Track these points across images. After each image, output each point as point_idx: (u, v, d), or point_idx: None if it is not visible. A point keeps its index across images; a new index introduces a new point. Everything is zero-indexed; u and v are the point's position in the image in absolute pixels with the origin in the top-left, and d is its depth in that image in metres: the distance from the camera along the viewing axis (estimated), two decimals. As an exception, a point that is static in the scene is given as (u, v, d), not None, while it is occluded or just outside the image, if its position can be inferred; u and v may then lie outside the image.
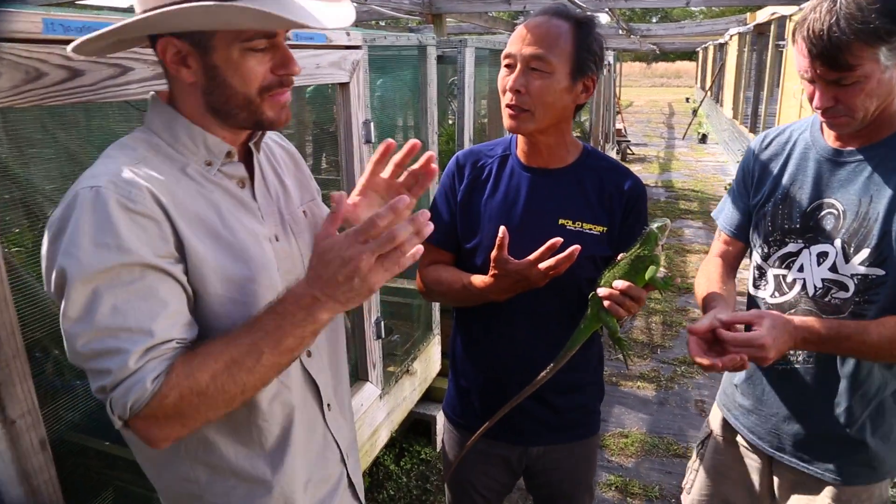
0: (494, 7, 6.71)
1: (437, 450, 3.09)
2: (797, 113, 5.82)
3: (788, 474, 1.48)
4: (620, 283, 1.28)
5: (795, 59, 1.27)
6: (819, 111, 1.28)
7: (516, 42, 1.36)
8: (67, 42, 1.09)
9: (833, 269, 1.33)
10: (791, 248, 1.41)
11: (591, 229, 1.45)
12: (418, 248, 0.92)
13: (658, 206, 8.14)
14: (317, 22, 0.94)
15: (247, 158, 1.08)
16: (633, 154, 12.22)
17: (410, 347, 3.07)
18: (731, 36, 12.49)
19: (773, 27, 7.99)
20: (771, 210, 1.45)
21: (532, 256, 1.30)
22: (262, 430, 1.06)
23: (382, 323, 2.52)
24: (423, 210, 0.95)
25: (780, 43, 7.30)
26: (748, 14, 10.27)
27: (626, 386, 3.78)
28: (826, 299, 1.35)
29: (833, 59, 1.16)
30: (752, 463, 1.56)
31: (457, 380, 1.65)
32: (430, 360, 3.20)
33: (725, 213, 1.61)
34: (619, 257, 1.33)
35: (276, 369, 0.93)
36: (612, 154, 10.03)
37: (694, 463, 1.70)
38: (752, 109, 9.74)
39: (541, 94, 1.34)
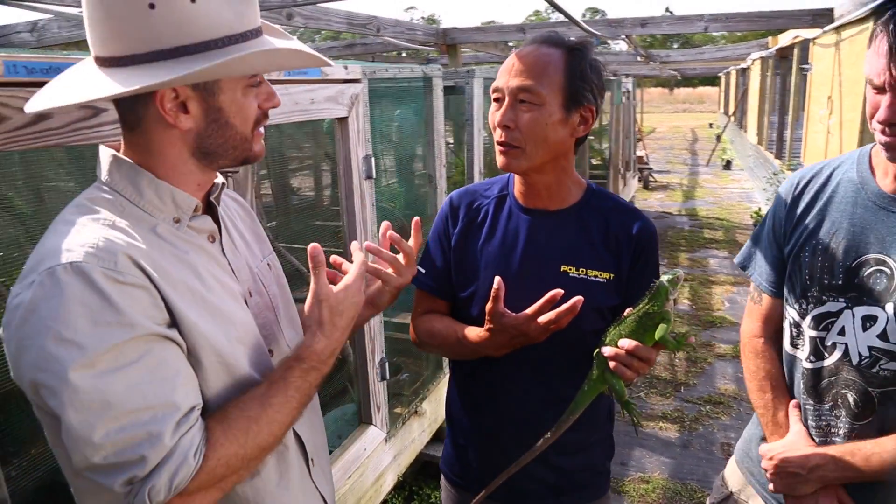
0: (509, 36, 6.71)
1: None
2: (823, 139, 5.67)
3: None
4: (627, 343, 1.15)
5: (868, 63, 1.09)
6: (879, 126, 1.09)
7: (504, 74, 1.27)
8: (31, 84, 1.05)
9: (883, 336, 1.17)
10: (830, 307, 1.25)
11: (596, 276, 1.34)
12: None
13: (682, 234, 7.97)
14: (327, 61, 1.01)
15: (209, 213, 1.02)
16: (656, 181, 12.07)
17: (419, 387, 2.97)
18: (754, 60, 12.36)
19: (796, 51, 7.86)
20: (808, 260, 1.27)
21: (530, 310, 1.19)
22: (259, 491, 1.02)
23: (387, 363, 2.43)
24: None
25: (804, 66, 7.16)
26: (770, 38, 10.15)
27: (647, 427, 3.61)
28: (874, 370, 1.19)
29: None
30: None
31: (454, 437, 1.54)
32: (439, 400, 3.08)
33: (757, 265, 1.44)
34: (625, 313, 1.22)
35: (296, 420, 0.97)
36: (634, 182, 9.91)
37: None
38: (776, 135, 9.56)
39: (531, 128, 1.25)
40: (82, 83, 0.87)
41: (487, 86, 3.26)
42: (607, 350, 1.18)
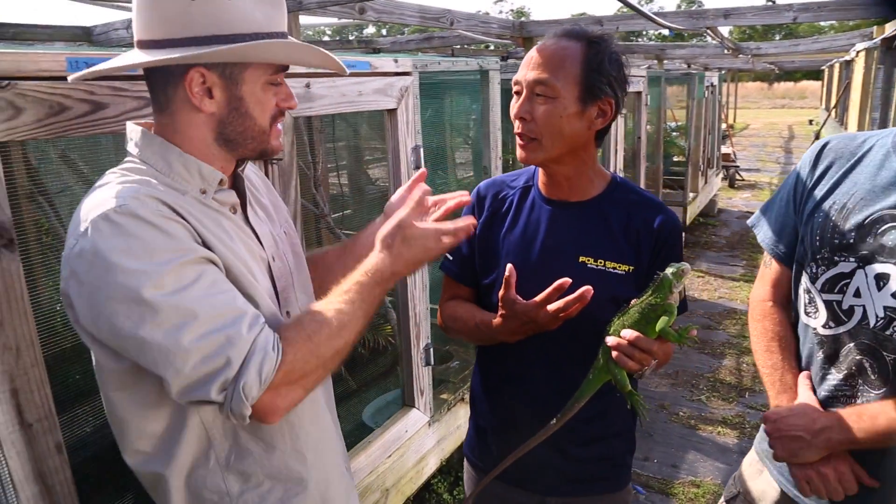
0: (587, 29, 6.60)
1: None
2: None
3: None
4: (629, 333, 1.17)
5: None
6: None
7: (523, 67, 1.31)
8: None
9: None
10: (842, 267, 1.20)
11: (614, 268, 1.35)
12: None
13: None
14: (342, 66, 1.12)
15: (234, 186, 1.12)
16: (743, 180, 11.54)
17: (468, 376, 3.03)
18: (858, 52, 11.54)
19: (902, 42, 7.29)
20: (821, 221, 1.25)
21: (539, 297, 1.22)
22: (295, 429, 1.13)
23: (432, 349, 2.51)
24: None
25: (910, 60, 6.64)
26: (875, 27, 9.45)
27: (704, 431, 3.52)
28: (888, 332, 1.14)
29: None
30: None
31: (475, 419, 1.60)
32: (488, 389, 3.14)
33: (767, 229, 1.40)
34: (630, 303, 1.23)
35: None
36: (717, 180, 9.52)
37: None
38: (878, 132, 8.92)
39: (546, 120, 1.28)
40: (122, 59, 1.00)
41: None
42: (610, 340, 1.20)
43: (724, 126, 12.07)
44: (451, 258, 1.53)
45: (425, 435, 2.56)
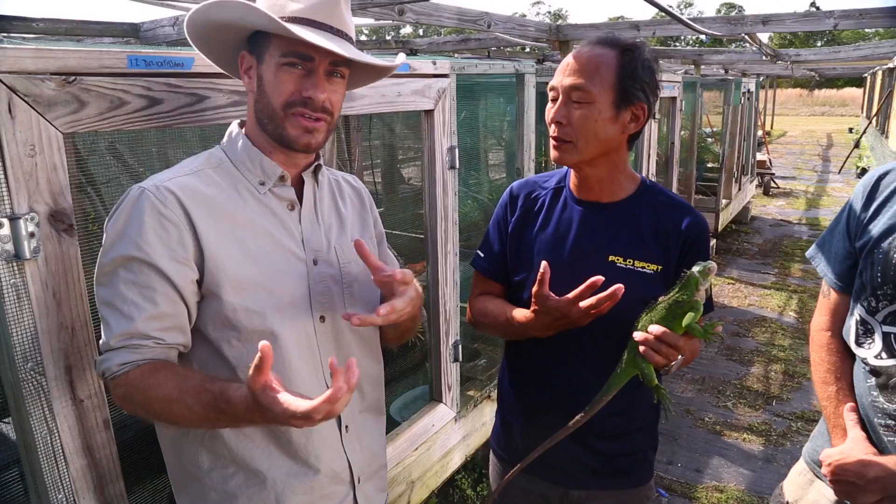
0: (623, 33, 6.58)
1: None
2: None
3: None
4: (656, 329, 1.21)
5: None
6: None
7: (559, 73, 1.35)
8: (149, 74, 1.26)
9: None
10: None
11: (643, 267, 1.39)
12: None
13: (798, 244, 7.48)
14: (346, 51, 1.09)
15: (303, 187, 1.20)
16: (778, 188, 11.34)
17: (495, 373, 3.06)
18: (902, 61, 11.26)
19: (948, 52, 7.12)
20: (882, 258, 1.27)
21: (572, 294, 1.26)
22: (270, 430, 1.15)
23: (460, 346, 2.55)
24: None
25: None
26: (921, 37, 9.21)
27: (729, 437, 3.50)
28: None
29: None
30: None
31: (502, 413, 1.64)
32: (514, 388, 3.17)
33: (825, 260, 1.44)
34: (658, 300, 1.27)
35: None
36: (751, 187, 9.38)
37: None
38: (921, 142, 8.71)
39: (582, 124, 1.32)
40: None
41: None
42: (638, 335, 1.24)
43: (759, 133, 11.88)
44: (482, 255, 1.58)
45: (451, 430, 2.61)
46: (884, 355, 1.26)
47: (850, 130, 22.91)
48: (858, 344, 1.33)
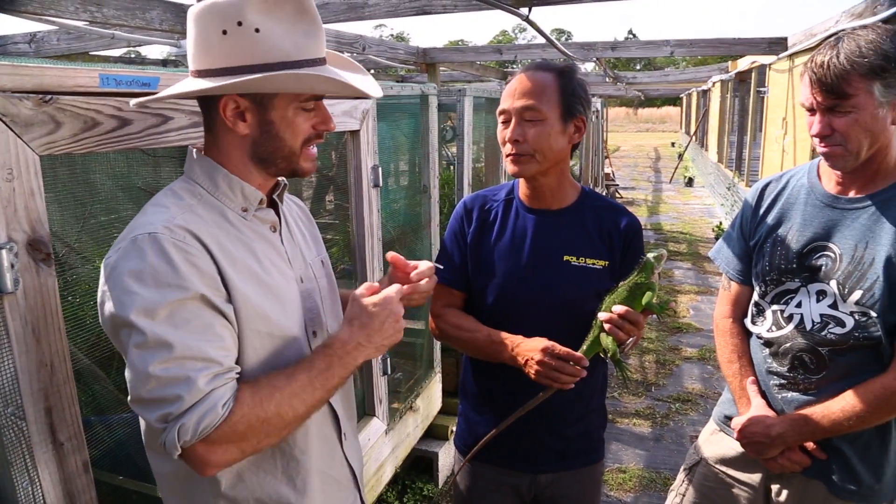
0: (485, 57, 6.98)
1: (439, 487, 3.12)
2: (779, 157, 6.05)
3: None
4: (619, 308, 1.38)
5: (801, 92, 1.40)
6: (817, 140, 1.38)
7: (507, 98, 1.51)
8: (120, 94, 1.22)
9: (833, 306, 1.42)
10: (789, 285, 1.50)
11: (594, 264, 1.56)
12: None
13: (648, 248, 8.27)
14: (376, 91, 1.14)
15: (272, 208, 1.20)
16: (622, 197, 12.47)
17: (413, 385, 3.13)
18: (714, 83, 12.93)
19: (753, 74, 8.32)
20: (769, 250, 1.53)
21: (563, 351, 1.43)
22: (289, 459, 1.15)
23: (388, 360, 2.60)
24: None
25: (761, 90, 7.60)
26: (729, 62, 10.67)
27: (622, 423, 3.84)
28: (822, 333, 1.43)
29: (831, 86, 1.29)
30: (742, 493, 1.62)
31: (466, 412, 1.73)
32: (431, 398, 3.26)
33: (726, 258, 1.68)
34: (618, 285, 1.44)
35: (321, 404, 1.07)
36: (602, 197, 10.24)
37: (680, 486, 1.76)
38: (736, 153, 10.04)
39: (537, 139, 1.47)
40: (176, 87, 1.08)
41: (477, 104, 3.48)
42: (603, 315, 1.40)
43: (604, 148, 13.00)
44: (441, 267, 1.67)
45: (383, 443, 2.64)
46: (773, 329, 1.53)
47: (673, 144, 25.72)
48: (754, 323, 1.61)
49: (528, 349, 1.44)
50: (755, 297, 1.60)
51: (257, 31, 1.02)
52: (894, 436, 1.45)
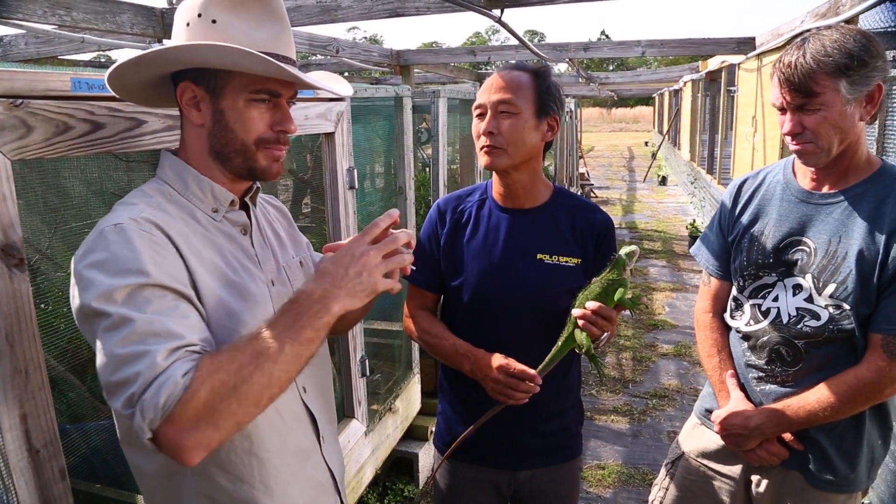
0: (459, 58, 7.01)
1: (420, 487, 3.13)
2: (750, 155, 6.17)
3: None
4: (593, 304, 1.41)
5: (771, 92, 1.44)
6: (789, 138, 1.42)
7: (484, 93, 1.54)
8: (92, 98, 1.21)
9: (809, 299, 1.46)
10: (766, 280, 1.54)
11: (566, 262, 1.58)
12: (410, 257, 1.07)
13: (621, 245, 8.37)
14: (315, 83, 1.11)
15: (244, 210, 1.20)
16: (597, 197, 12.60)
17: (392, 386, 3.14)
18: (685, 82, 13.13)
19: (723, 74, 8.47)
20: (746, 246, 1.57)
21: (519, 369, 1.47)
22: (263, 462, 1.13)
23: (367, 361, 2.60)
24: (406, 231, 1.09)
25: (731, 89, 7.74)
26: (700, 62, 10.84)
27: (600, 420, 3.88)
28: (798, 327, 1.47)
29: (799, 85, 1.33)
30: (723, 485, 1.65)
31: (444, 411, 1.74)
32: (410, 399, 3.27)
33: (706, 254, 1.72)
34: (591, 281, 1.47)
35: (298, 362, 0.96)
36: (577, 196, 10.33)
37: (663, 481, 1.79)
38: (708, 152, 10.20)
39: (511, 132, 1.50)
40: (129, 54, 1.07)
41: (451, 105, 3.50)
42: (577, 311, 1.43)
43: (578, 148, 13.12)
44: (415, 268, 1.68)
45: (363, 445, 2.64)
46: (752, 322, 1.57)
47: (646, 144, 26.02)
48: (732, 317, 1.64)
49: (485, 366, 1.48)
50: (734, 291, 1.63)
51: (214, 21, 1.04)
52: (868, 426, 1.49)
